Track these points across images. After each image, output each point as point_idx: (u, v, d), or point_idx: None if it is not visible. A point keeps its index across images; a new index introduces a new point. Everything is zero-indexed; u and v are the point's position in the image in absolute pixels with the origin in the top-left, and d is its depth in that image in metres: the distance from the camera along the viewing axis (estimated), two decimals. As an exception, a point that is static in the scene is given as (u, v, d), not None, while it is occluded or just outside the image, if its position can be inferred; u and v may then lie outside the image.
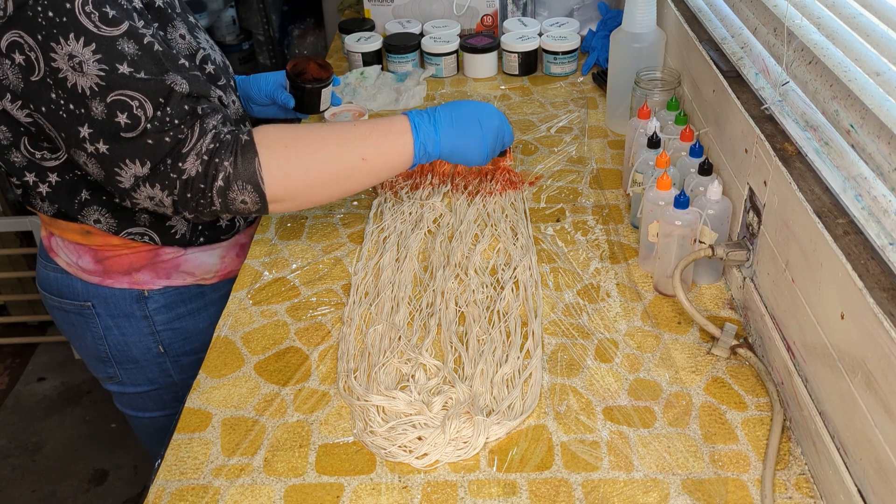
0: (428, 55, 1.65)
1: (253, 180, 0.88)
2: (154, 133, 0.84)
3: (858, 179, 0.72)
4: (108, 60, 0.81)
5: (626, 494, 0.76)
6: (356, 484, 0.79)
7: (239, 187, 0.88)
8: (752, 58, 0.99)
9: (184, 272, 1.09)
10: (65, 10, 0.80)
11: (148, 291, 1.07)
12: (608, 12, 1.68)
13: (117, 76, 0.81)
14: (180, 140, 0.85)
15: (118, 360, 1.12)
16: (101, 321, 1.08)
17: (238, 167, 0.87)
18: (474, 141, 0.99)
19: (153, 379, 1.15)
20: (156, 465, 0.83)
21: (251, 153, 0.87)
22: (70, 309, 1.09)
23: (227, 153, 0.87)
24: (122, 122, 0.83)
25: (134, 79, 0.82)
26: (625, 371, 0.90)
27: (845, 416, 0.70)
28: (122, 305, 1.07)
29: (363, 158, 0.92)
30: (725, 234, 0.98)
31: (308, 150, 0.90)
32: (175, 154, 0.85)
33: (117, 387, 1.17)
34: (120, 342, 1.10)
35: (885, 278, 0.65)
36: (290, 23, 3.22)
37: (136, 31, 0.83)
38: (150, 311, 1.08)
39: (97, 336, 1.10)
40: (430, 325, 0.97)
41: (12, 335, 2.36)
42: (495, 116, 1.02)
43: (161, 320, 1.10)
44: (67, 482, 1.96)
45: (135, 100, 0.83)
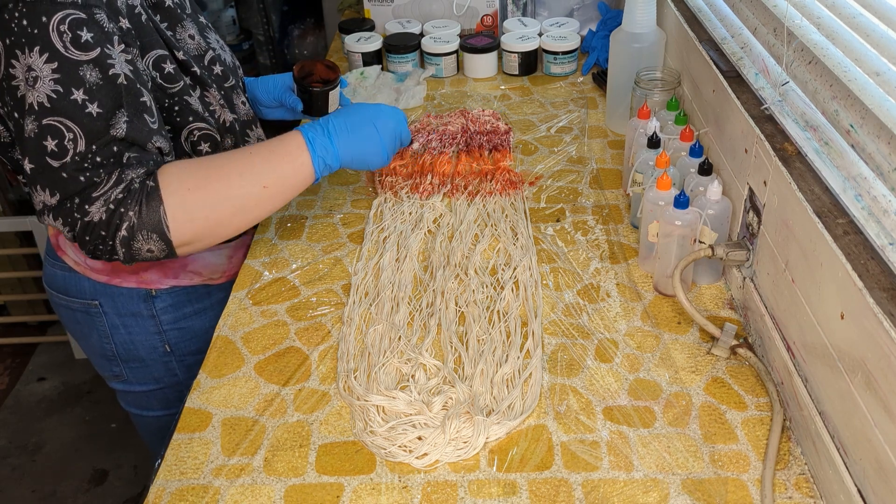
0: (428, 55, 1.65)
1: (158, 229, 0.86)
2: (72, 169, 0.83)
3: (858, 179, 0.72)
4: (65, 83, 0.80)
5: (626, 494, 0.76)
6: (356, 484, 0.79)
7: (144, 237, 0.86)
8: (752, 58, 0.99)
9: (191, 272, 1.09)
10: (39, 23, 0.79)
11: (155, 290, 1.07)
12: (608, 12, 1.68)
13: (67, 102, 0.80)
14: (95, 183, 0.84)
15: (124, 359, 1.12)
16: (107, 319, 1.08)
17: (143, 216, 0.85)
18: (372, 146, 0.99)
19: (158, 378, 1.15)
20: (156, 465, 0.83)
21: (156, 201, 0.86)
22: (77, 307, 1.08)
23: (133, 202, 0.85)
24: (48, 148, 0.82)
25: (81, 111, 0.81)
26: (625, 371, 0.90)
27: (845, 416, 0.70)
28: (129, 304, 1.07)
29: (264, 186, 0.91)
30: (725, 234, 0.98)
31: (210, 190, 0.89)
32: (84, 195, 0.84)
33: (122, 385, 1.17)
34: (126, 341, 1.10)
35: (885, 278, 0.65)
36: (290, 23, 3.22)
37: (106, 59, 0.82)
38: (157, 310, 1.08)
39: (103, 334, 1.10)
40: (430, 325, 0.97)
41: (12, 335, 2.36)
42: (390, 118, 1.01)
43: (168, 319, 1.09)
44: (67, 482, 1.96)
45: (70, 131, 0.81)
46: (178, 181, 0.87)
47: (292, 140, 0.94)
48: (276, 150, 0.93)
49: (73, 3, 0.80)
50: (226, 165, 0.91)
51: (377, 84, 1.59)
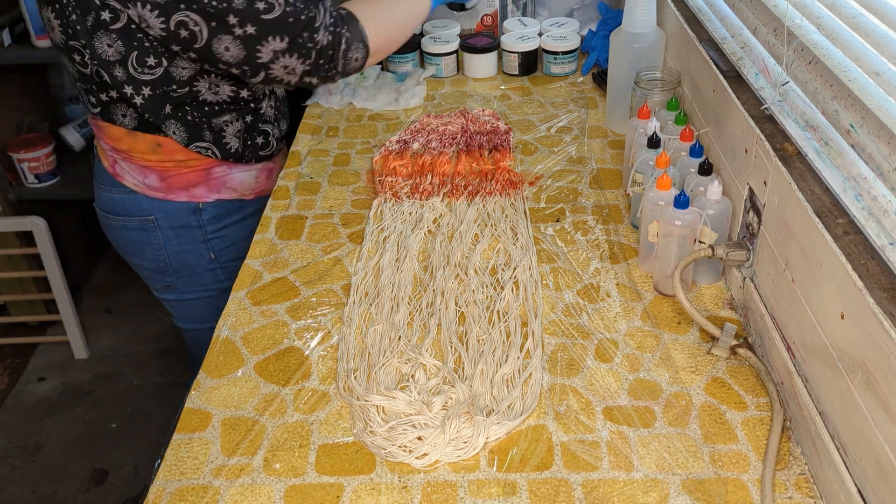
0: (428, 55, 1.64)
1: (363, 40, 1.13)
2: (291, 13, 1.04)
3: (858, 179, 0.72)
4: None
5: (626, 494, 0.76)
6: (356, 484, 0.79)
7: (355, 47, 1.12)
8: (752, 58, 0.99)
9: (230, 188, 1.27)
10: None
11: (202, 204, 1.26)
12: (608, 12, 1.68)
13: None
14: (311, 17, 1.06)
15: (176, 269, 1.31)
16: (161, 233, 1.26)
17: (352, 31, 1.11)
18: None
19: (206, 285, 1.34)
20: (156, 465, 0.83)
21: (354, 19, 1.12)
22: (133, 226, 1.27)
23: (342, 24, 1.10)
24: (260, 7, 1.02)
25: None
26: (625, 371, 0.90)
27: (845, 416, 0.70)
28: (180, 217, 1.25)
29: (411, 8, 1.22)
30: (725, 234, 0.98)
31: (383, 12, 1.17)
32: (310, 28, 1.06)
33: (175, 295, 1.36)
34: (178, 251, 1.29)
35: (885, 278, 0.65)
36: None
37: None
38: (204, 221, 1.27)
39: (158, 247, 1.28)
40: (430, 325, 0.97)
41: (12, 335, 2.36)
42: None
43: (211, 229, 1.28)
44: (67, 482, 1.96)
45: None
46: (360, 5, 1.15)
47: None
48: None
49: None
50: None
51: (377, 84, 1.59)
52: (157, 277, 1.34)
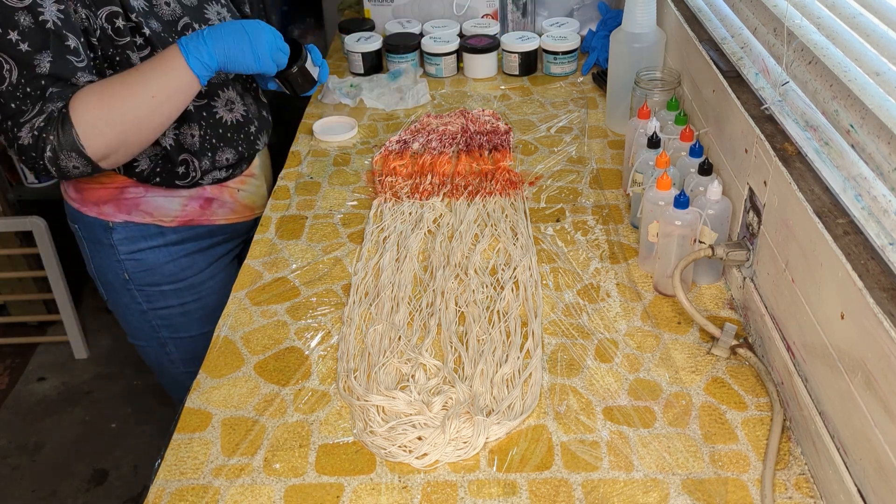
0: (428, 55, 1.64)
1: (75, 148, 0.99)
2: (7, 96, 0.97)
3: (858, 179, 0.72)
4: (3, 25, 0.95)
5: (626, 494, 0.76)
6: (356, 484, 0.79)
7: (65, 156, 0.99)
8: (752, 58, 0.99)
9: (143, 211, 1.19)
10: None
11: (112, 223, 1.20)
12: (608, 12, 1.68)
13: (4, 41, 0.95)
14: (22, 111, 0.98)
15: (102, 282, 1.27)
16: (84, 244, 1.25)
17: (61, 139, 0.98)
18: (246, 45, 1.05)
19: (126, 304, 1.28)
20: (156, 465, 0.83)
21: (69, 125, 0.98)
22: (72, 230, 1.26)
23: (52, 128, 0.98)
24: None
25: (14, 47, 0.95)
26: (625, 371, 0.90)
27: (845, 416, 0.70)
28: (94, 231, 1.21)
29: (153, 96, 1.02)
30: (725, 234, 0.98)
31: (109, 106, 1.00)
32: (15, 120, 0.98)
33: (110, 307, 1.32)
34: (98, 264, 1.25)
35: (885, 278, 0.65)
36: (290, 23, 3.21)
37: (36, 8, 0.96)
38: (115, 240, 1.21)
39: (85, 256, 1.27)
40: (430, 325, 0.97)
41: (12, 335, 2.36)
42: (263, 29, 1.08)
43: (124, 250, 1.22)
44: (67, 482, 1.96)
45: (7, 63, 0.96)
46: (83, 104, 0.99)
47: (169, 49, 1.04)
48: (155, 62, 1.03)
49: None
50: (118, 83, 1.01)
51: (370, 86, 1.59)
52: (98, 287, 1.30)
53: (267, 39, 1.07)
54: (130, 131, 1.03)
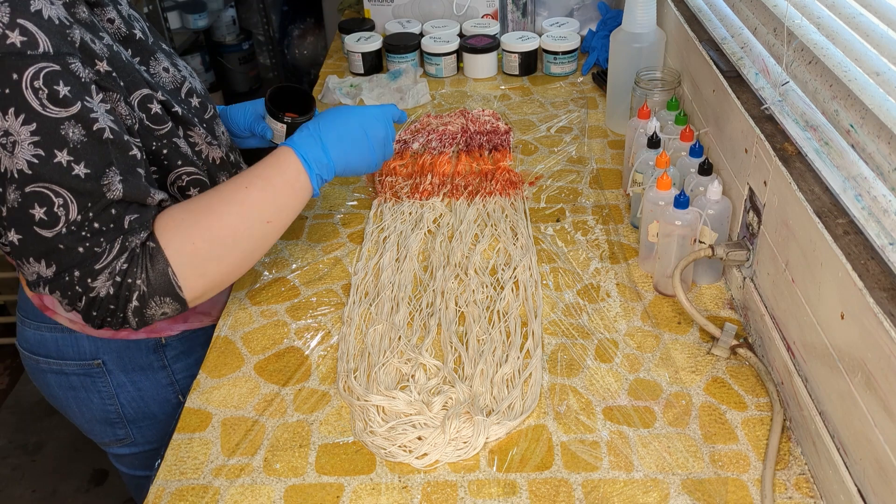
0: (428, 55, 1.65)
1: (171, 291, 0.80)
2: (69, 239, 0.74)
3: (858, 179, 0.72)
4: (46, 146, 0.71)
5: (626, 494, 0.76)
6: (356, 484, 0.79)
7: (157, 302, 0.80)
8: (752, 58, 0.99)
9: (200, 313, 1.03)
10: (11, 81, 0.69)
11: (165, 339, 1.00)
12: (608, 12, 1.68)
13: (51, 166, 0.72)
14: (96, 254, 0.75)
15: (132, 419, 1.04)
16: (112, 378, 1.00)
17: (152, 282, 0.78)
18: (364, 154, 0.95)
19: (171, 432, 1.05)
20: (156, 465, 0.83)
21: (162, 263, 0.79)
22: (72, 371, 0.99)
23: (139, 270, 0.78)
24: (36, 217, 0.73)
25: (69, 173, 0.73)
26: (625, 371, 0.90)
27: (845, 416, 0.70)
28: (138, 358, 1.00)
29: (268, 222, 0.86)
30: (725, 234, 0.98)
31: (215, 239, 0.82)
32: (85, 268, 0.75)
33: (128, 449, 1.08)
34: (135, 398, 1.02)
35: (885, 278, 0.65)
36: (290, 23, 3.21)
37: (88, 114, 0.73)
38: (169, 359, 1.02)
39: (107, 396, 1.01)
40: (430, 325, 0.97)
41: (12, 335, 2.36)
42: (380, 126, 0.97)
43: (179, 367, 1.03)
44: (67, 482, 1.96)
45: (59, 196, 0.73)
46: (180, 237, 0.80)
47: (288, 164, 0.88)
48: (272, 180, 0.87)
49: (44, 55, 0.70)
50: (224, 208, 0.83)
51: (371, 86, 1.59)
52: (105, 430, 1.05)
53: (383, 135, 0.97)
54: (236, 265, 0.85)
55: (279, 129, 1.09)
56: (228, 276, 0.85)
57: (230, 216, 0.83)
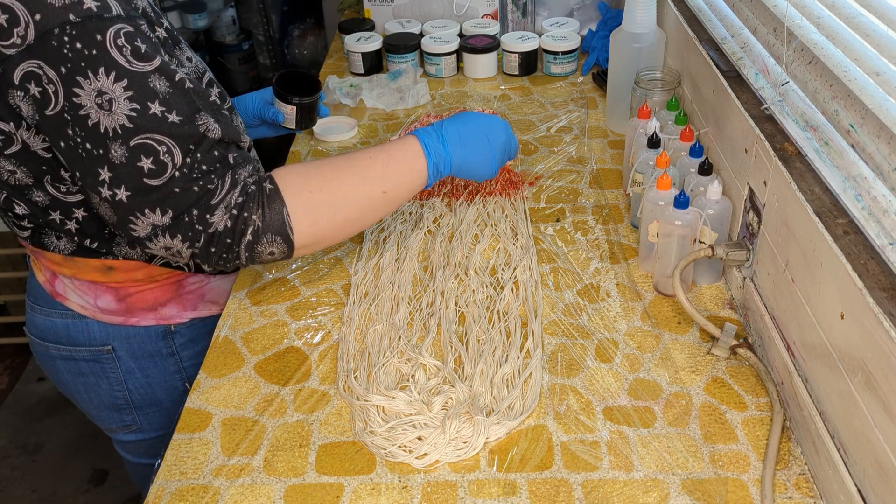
0: (428, 55, 1.65)
1: (283, 231, 0.83)
2: (182, 181, 0.78)
3: (858, 179, 0.72)
4: (140, 99, 0.75)
5: (626, 494, 0.76)
6: (356, 484, 0.79)
7: (268, 240, 0.83)
8: (752, 58, 0.99)
9: (209, 301, 1.05)
10: (95, 43, 0.73)
11: (175, 326, 1.02)
12: (608, 12, 1.68)
13: (148, 117, 0.76)
14: (210, 191, 0.79)
15: (139, 405, 1.06)
16: (121, 364, 1.02)
17: (266, 219, 0.82)
18: (483, 157, 0.97)
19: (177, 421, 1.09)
20: (156, 465, 0.83)
21: (278, 203, 0.83)
22: (82, 356, 1.01)
23: (255, 205, 0.82)
24: (145, 168, 0.76)
25: (165, 121, 0.76)
26: (625, 371, 0.90)
27: (845, 416, 0.70)
28: (146, 344, 1.02)
29: (384, 192, 0.89)
30: (725, 234, 0.98)
31: (333, 192, 0.86)
32: (202, 205, 0.79)
33: (134, 435, 1.10)
34: (143, 384, 1.04)
35: (885, 278, 0.65)
36: (290, 23, 3.21)
37: (168, 66, 0.78)
38: (177, 346, 1.04)
39: (115, 382, 1.03)
40: (430, 325, 0.97)
41: (12, 335, 2.36)
42: (503, 131, 0.99)
43: (187, 355, 1.05)
44: (67, 482, 1.96)
45: (162, 144, 0.76)
46: (301, 183, 0.84)
47: (410, 146, 0.92)
48: (394, 155, 0.91)
49: (118, 17, 0.75)
50: (346, 168, 0.87)
51: (371, 86, 1.59)
52: (112, 416, 1.08)
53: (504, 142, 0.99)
54: (346, 224, 0.88)
55: (289, 112, 1.14)
56: (337, 233, 0.89)
57: (351, 175, 0.87)
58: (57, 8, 0.72)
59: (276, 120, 1.14)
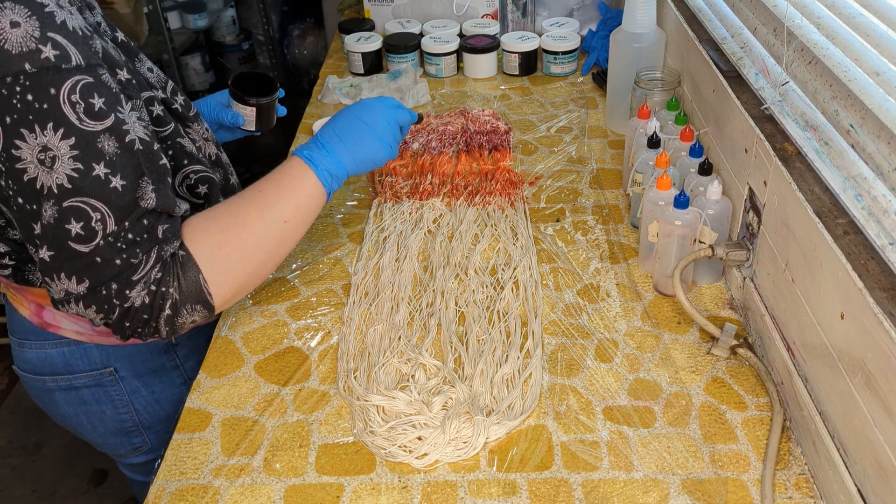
0: (428, 55, 1.65)
1: (201, 299, 0.80)
2: (106, 251, 0.73)
3: (858, 179, 0.72)
4: (85, 159, 0.71)
5: (625, 494, 0.76)
6: (356, 484, 0.79)
7: (188, 310, 0.79)
8: (752, 58, 0.99)
9: None
10: (48, 97, 0.69)
11: (175, 339, 1.00)
12: (608, 12, 1.68)
13: (90, 179, 0.72)
14: (132, 265, 0.75)
15: (148, 425, 1.04)
16: (125, 385, 0.99)
17: (183, 290, 0.78)
18: (370, 141, 0.94)
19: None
20: (156, 465, 0.83)
21: (193, 270, 0.79)
22: (83, 383, 0.98)
23: (172, 278, 0.78)
24: (73, 232, 0.72)
25: (107, 185, 0.72)
26: (625, 371, 0.90)
27: (845, 416, 0.70)
28: (149, 361, 1.00)
29: (285, 221, 0.86)
30: (725, 234, 0.98)
31: (238, 240, 0.83)
32: (122, 280, 0.75)
33: (144, 456, 1.08)
34: (150, 403, 1.02)
35: (885, 278, 0.65)
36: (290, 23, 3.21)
37: (121, 125, 0.73)
38: (181, 357, 1.03)
39: (121, 404, 1.01)
40: (430, 325, 0.97)
41: (12, 335, 2.36)
42: (379, 109, 0.96)
43: (191, 366, 1.03)
44: (67, 482, 1.96)
45: (97, 211, 0.72)
46: (206, 242, 0.81)
47: (294, 165, 0.90)
48: (282, 181, 0.88)
49: (77, 68, 0.70)
50: (242, 211, 0.85)
51: (371, 86, 1.59)
52: (120, 441, 1.04)
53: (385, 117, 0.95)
54: (261, 266, 0.85)
55: (248, 114, 1.10)
56: (254, 279, 0.86)
57: (250, 218, 0.84)
58: (13, 56, 0.67)
59: (235, 123, 1.10)
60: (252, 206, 0.85)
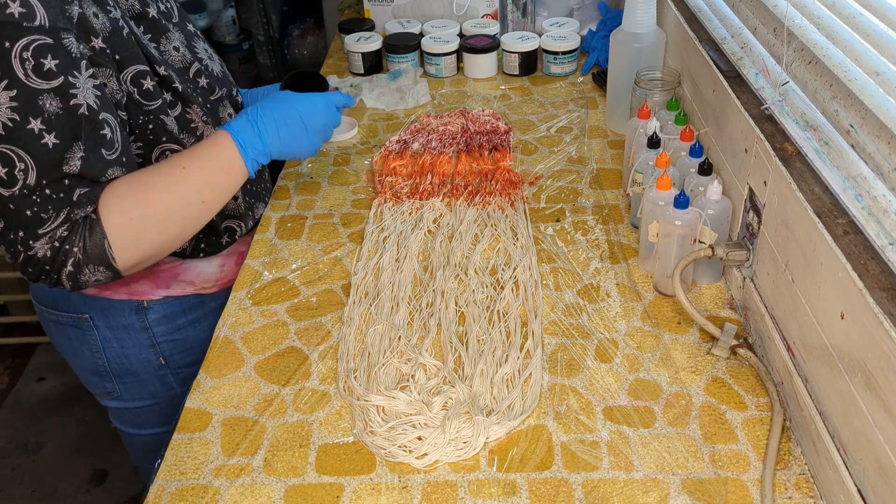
0: (428, 55, 1.64)
1: (104, 261, 0.84)
2: (20, 201, 0.79)
3: (858, 179, 0.72)
4: (22, 112, 0.76)
5: (625, 494, 0.76)
6: (356, 484, 0.79)
7: (90, 270, 0.84)
8: (752, 58, 0.99)
9: (183, 281, 1.07)
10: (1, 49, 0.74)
11: (147, 302, 1.05)
12: (608, 12, 1.68)
13: (22, 131, 0.76)
14: (41, 220, 0.80)
15: (117, 374, 1.10)
16: (99, 333, 1.06)
17: (88, 251, 0.83)
18: (300, 141, 0.99)
19: (155, 392, 1.13)
20: (156, 465, 0.83)
21: (99, 234, 0.83)
22: (67, 321, 1.06)
23: (77, 238, 0.83)
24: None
25: (38, 140, 0.77)
26: (625, 371, 0.90)
27: (845, 416, 0.70)
28: (120, 317, 1.05)
29: (203, 201, 0.91)
30: (725, 234, 0.98)
31: (150, 213, 0.87)
32: (29, 230, 0.81)
33: (116, 402, 1.14)
34: (119, 354, 1.08)
35: (885, 278, 0.65)
36: (290, 23, 3.21)
37: (69, 88, 0.78)
38: (150, 322, 1.06)
39: (95, 349, 1.07)
40: (430, 325, 0.97)
41: (12, 335, 2.36)
42: (321, 115, 1.02)
43: (161, 331, 1.08)
44: (67, 482, 1.96)
45: (22, 161, 0.77)
46: (117, 208, 0.85)
47: (223, 147, 0.92)
48: (209, 162, 0.91)
49: (39, 28, 0.75)
50: (161, 184, 0.88)
51: (371, 86, 1.59)
52: (96, 381, 1.12)
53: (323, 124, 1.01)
54: (170, 239, 0.90)
55: None
56: (161, 251, 0.91)
57: (167, 193, 0.88)
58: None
59: None
60: (172, 182, 0.88)
